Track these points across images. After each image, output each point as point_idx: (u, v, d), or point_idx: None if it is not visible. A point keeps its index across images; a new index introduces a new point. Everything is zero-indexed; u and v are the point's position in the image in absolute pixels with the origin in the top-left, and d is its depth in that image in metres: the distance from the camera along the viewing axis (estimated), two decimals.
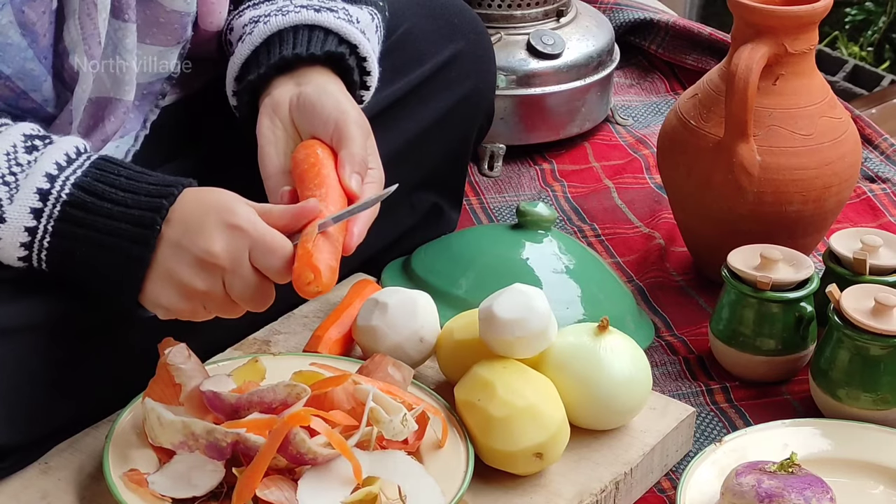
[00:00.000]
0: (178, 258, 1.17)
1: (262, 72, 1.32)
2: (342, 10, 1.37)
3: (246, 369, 1.30)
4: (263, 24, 1.34)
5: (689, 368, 1.57)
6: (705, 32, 2.31)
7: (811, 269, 1.51)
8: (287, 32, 1.34)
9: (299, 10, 1.35)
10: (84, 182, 1.18)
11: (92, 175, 1.19)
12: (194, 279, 1.17)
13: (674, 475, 1.38)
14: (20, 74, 1.24)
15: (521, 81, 2.03)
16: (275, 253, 1.17)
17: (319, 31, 1.34)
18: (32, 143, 1.19)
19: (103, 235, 1.18)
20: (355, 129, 1.27)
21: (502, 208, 1.95)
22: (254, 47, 1.34)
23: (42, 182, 1.17)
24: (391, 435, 1.20)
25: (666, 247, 1.81)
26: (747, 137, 1.59)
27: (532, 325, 1.28)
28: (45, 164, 1.18)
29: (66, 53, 1.27)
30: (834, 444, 1.37)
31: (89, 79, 1.27)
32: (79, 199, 1.18)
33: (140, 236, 1.17)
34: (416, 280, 1.54)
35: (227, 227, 1.17)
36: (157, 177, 1.21)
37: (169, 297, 1.19)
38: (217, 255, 1.16)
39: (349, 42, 1.35)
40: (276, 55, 1.32)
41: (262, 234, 1.17)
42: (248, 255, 1.17)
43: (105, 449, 1.21)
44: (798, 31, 1.60)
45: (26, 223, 1.17)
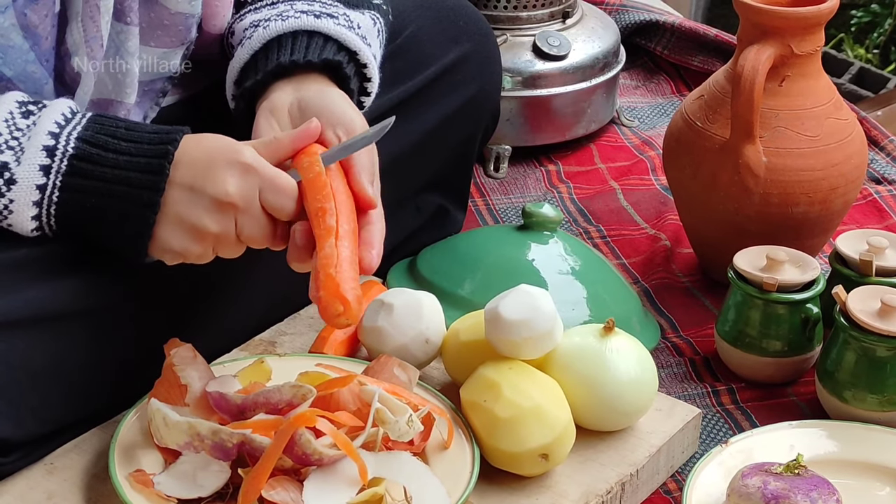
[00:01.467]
0: (192, 202, 1.19)
1: (259, 78, 1.32)
2: (343, 15, 1.37)
3: (251, 370, 1.30)
4: (263, 29, 1.34)
5: (694, 370, 1.57)
6: (711, 34, 2.31)
7: (817, 270, 1.51)
8: (286, 38, 1.33)
9: (299, 15, 1.35)
10: (87, 136, 1.20)
11: (93, 129, 1.20)
12: (209, 221, 1.19)
13: (680, 476, 1.38)
14: (22, 77, 1.24)
15: (527, 83, 2.03)
16: (284, 192, 1.20)
17: (319, 37, 1.34)
18: (27, 109, 1.20)
19: (112, 185, 1.19)
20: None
21: (508, 210, 1.95)
22: (252, 52, 1.34)
23: (47, 139, 1.18)
24: (397, 436, 1.20)
25: (672, 248, 1.81)
26: (753, 139, 1.59)
27: (538, 326, 1.28)
28: (46, 124, 1.19)
29: (68, 56, 1.27)
30: (840, 446, 1.37)
31: (90, 81, 1.28)
32: (85, 152, 1.19)
33: (150, 182, 1.19)
34: (422, 281, 1.54)
35: (238, 168, 1.19)
36: (154, 126, 1.22)
37: (181, 241, 1.20)
38: (232, 195, 1.18)
39: (348, 49, 1.35)
40: (273, 61, 1.32)
41: (272, 174, 1.19)
42: (258, 195, 1.19)
43: (111, 449, 1.21)
44: (804, 33, 1.60)
45: (37, 181, 1.18)
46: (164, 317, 1.32)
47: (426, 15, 1.58)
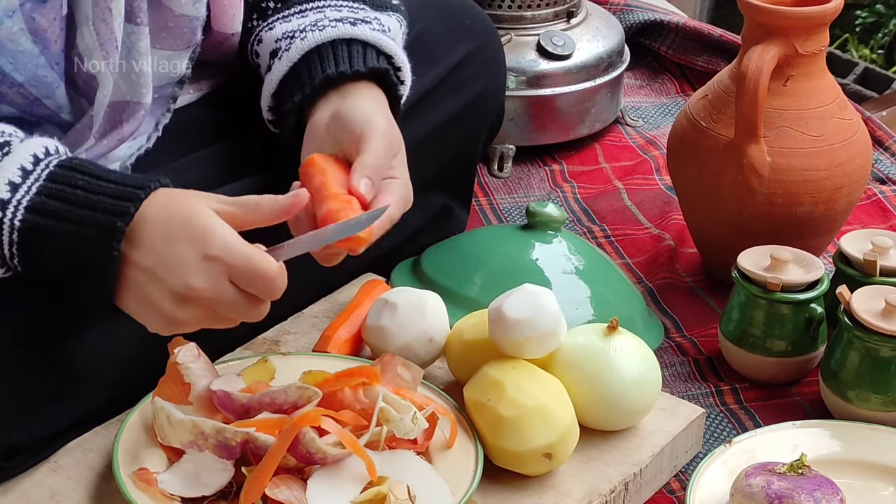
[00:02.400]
0: (158, 288, 1.12)
1: (308, 93, 1.31)
2: (375, 20, 1.36)
3: (255, 369, 1.30)
4: (300, 41, 1.33)
5: (698, 369, 1.57)
6: (716, 34, 2.31)
7: (821, 270, 1.51)
8: (325, 48, 1.33)
9: (335, 24, 1.34)
10: (37, 203, 1.12)
11: (46, 192, 1.13)
12: (176, 311, 1.13)
13: (683, 476, 1.38)
14: (33, 81, 1.24)
15: (531, 82, 2.03)
16: (259, 276, 1.12)
17: (358, 44, 1.33)
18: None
19: (65, 257, 1.13)
20: (377, 139, 1.25)
21: (512, 209, 1.95)
22: (292, 63, 1.33)
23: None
24: (401, 435, 1.20)
25: (676, 248, 1.81)
26: (757, 138, 1.59)
27: (541, 325, 1.28)
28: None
29: (80, 59, 1.27)
30: (844, 446, 1.37)
31: (109, 83, 1.27)
32: (34, 224, 1.12)
33: (100, 261, 1.12)
34: (426, 280, 1.54)
35: (204, 260, 1.11)
36: (116, 187, 1.13)
37: (153, 324, 1.15)
38: (197, 289, 1.11)
39: (385, 53, 1.35)
40: (319, 74, 1.31)
41: (243, 262, 1.11)
42: (228, 281, 1.12)
43: (114, 448, 1.21)
44: (809, 32, 1.59)
45: None
46: None
47: (431, 14, 1.58)
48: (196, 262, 1.11)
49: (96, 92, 1.27)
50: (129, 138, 1.35)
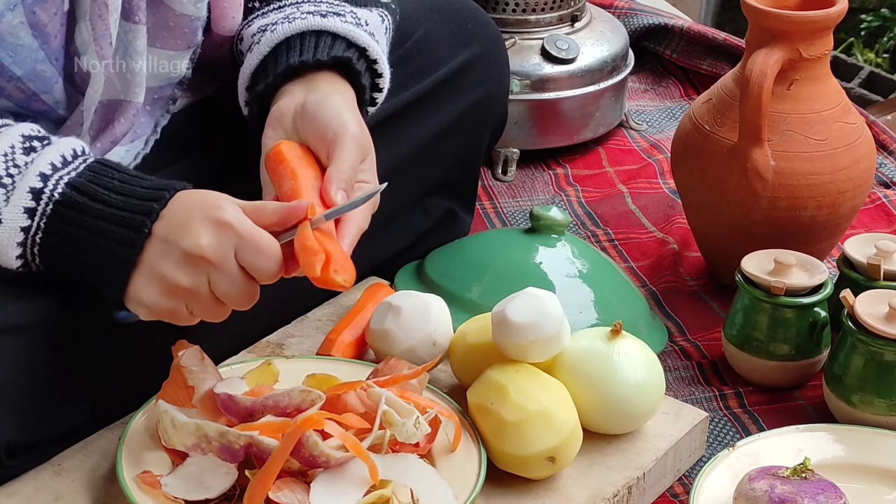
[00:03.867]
0: (164, 254, 1.16)
1: (270, 81, 1.32)
2: (350, 13, 1.36)
3: (259, 372, 1.30)
4: (270, 33, 1.34)
5: (702, 373, 1.57)
6: (720, 37, 2.31)
7: (825, 274, 1.51)
8: (294, 40, 1.33)
9: (305, 16, 1.34)
10: (78, 182, 1.18)
11: (86, 176, 1.19)
12: (179, 275, 1.16)
13: (686, 480, 1.38)
14: (31, 76, 1.24)
15: (535, 86, 2.03)
16: (263, 252, 1.16)
17: (327, 36, 1.34)
18: (31, 145, 1.19)
19: (92, 235, 1.18)
20: (350, 144, 1.25)
21: (516, 213, 1.95)
22: (262, 56, 1.34)
23: (35, 181, 1.17)
24: (404, 438, 1.20)
25: (679, 252, 1.81)
26: (761, 142, 1.59)
27: (545, 328, 1.28)
28: (41, 164, 1.18)
29: (78, 55, 1.27)
30: (847, 450, 1.37)
31: (100, 80, 1.28)
32: (71, 199, 1.18)
33: (127, 239, 1.17)
34: (430, 284, 1.54)
35: (214, 223, 1.16)
36: (152, 181, 1.20)
37: (150, 294, 1.18)
38: (204, 248, 1.15)
39: (357, 45, 1.34)
40: (282, 64, 1.32)
41: (250, 233, 1.16)
42: (234, 253, 1.16)
43: (118, 451, 1.21)
44: (813, 36, 1.59)
45: (21, 223, 1.18)
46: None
47: (435, 18, 1.58)
48: (207, 225, 1.16)
49: None
50: (123, 139, 1.35)
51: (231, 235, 1.16)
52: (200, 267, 1.16)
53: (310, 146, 1.27)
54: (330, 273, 1.18)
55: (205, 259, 1.15)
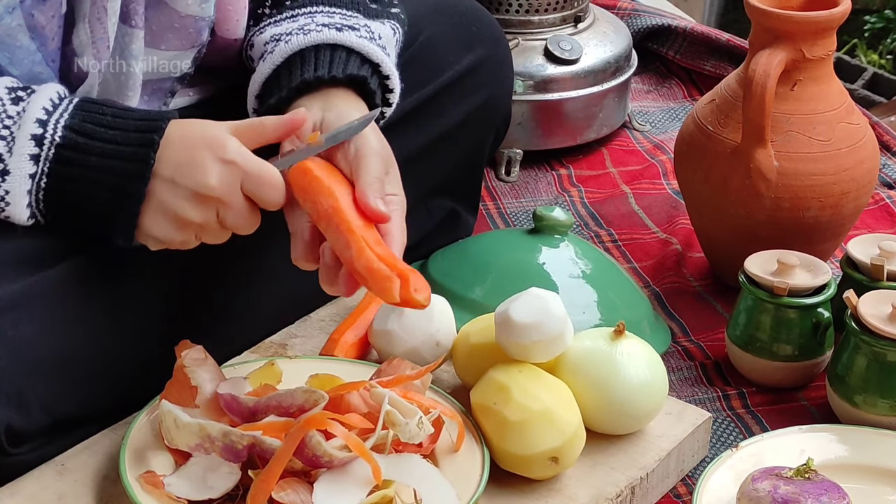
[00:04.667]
0: (175, 193, 1.20)
1: (284, 94, 1.31)
2: (364, 27, 1.36)
3: (262, 372, 1.31)
4: (284, 44, 1.33)
5: (705, 374, 1.57)
6: (723, 38, 2.31)
7: (828, 274, 1.51)
8: (309, 52, 1.33)
9: (321, 28, 1.34)
10: (73, 123, 1.20)
11: (80, 116, 1.20)
12: (191, 212, 1.20)
13: (690, 480, 1.38)
14: (28, 77, 1.25)
15: (539, 87, 2.03)
16: (268, 184, 1.21)
17: (341, 50, 1.33)
18: (17, 95, 1.20)
19: (99, 173, 1.19)
20: (374, 159, 1.25)
21: (519, 213, 1.95)
22: (274, 66, 1.33)
23: (35, 128, 1.19)
24: (407, 438, 1.20)
25: (683, 252, 1.81)
26: (765, 143, 1.59)
27: (548, 329, 1.28)
28: (34, 111, 1.19)
29: (74, 56, 1.27)
30: (851, 450, 1.37)
31: (95, 80, 1.28)
32: (71, 141, 1.19)
33: (135, 171, 1.19)
34: (433, 284, 1.53)
35: (220, 162, 1.19)
36: (141, 111, 1.24)
37: (163, 229, 1.21)
38: (213, 188, 1.19)
39: (371, 61, 1.34)
40: (297, 77, 1.31)
41: (256, 168, 1.20)
42: (240, 187, 1.20)
43: (121, 450, 1.22)
44: (816, 37, 1.59)
45: (28, 170, 1.19)
46: (176, 318, 1.33)
47: (440, 21, 1.58)
48: (214, 165, 1.19)
49: None
50: None
51: (236, 171, 1.20)
52: (210, 204, 1.20)
53: (332, 160, 1.26)
54: (411, 293, 1.19)
55: (214, 197, 1.20)
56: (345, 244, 1.20)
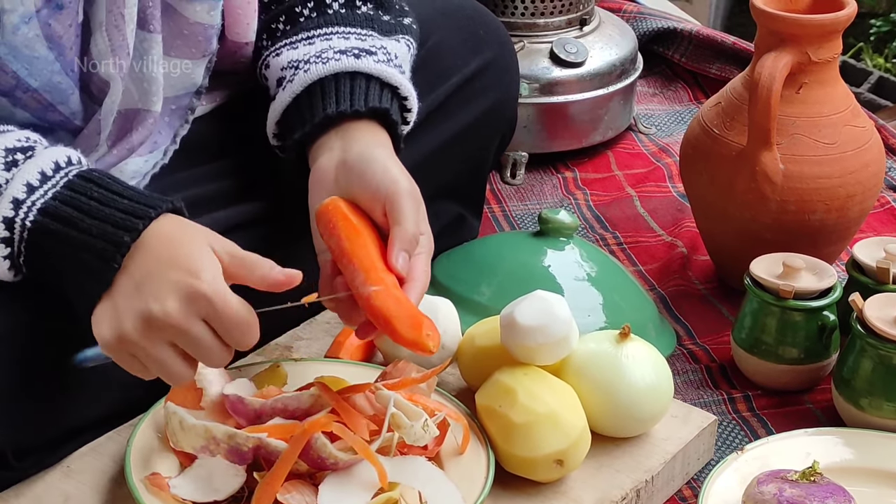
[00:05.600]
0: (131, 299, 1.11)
1: (307, 130, 1.30)
2: (381, 49, 1.36)
3: (267, 374, 1.31)
4: (303, 73, 1.33)
5: (710, 377, 1.57)
6: (729, 41, 2.31)
7: (834, 277, 1.51)
8: (328, 82, 1.32)
9: (339, 57, 1.33)
10: (51, 207, 1.14)
11: (61, 198, 1.14)
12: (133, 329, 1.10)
13: (695, 483, 1.38)
14: (47, 87, 1.24)
15: (544, 89, 2.03)
16: (238, 328, 1.10)
17: (361, 78, 1.32)
18: (13, 158, 1.16)
19: (66, 263, 1.14)
20: (408, 203, 1.22)
21: (524, 216, 1.95)
22: (294, 96, 1.33)
23: (7, 210, 1.14)
24: (412, 440, 1.20)
25: (688, 255, 1.81)
26: (770, 146, 1.59)
27: (553, 331, 1.28)
28: (16, 188, 1.14)
29: (94, 65, 1.27)
30: (856, 453, 1.37)
31: (118, 90, 1.27)
32: (44, 226, 1.14)
33: (99, 272, 1.12)
34: (438, 286, 1.54)
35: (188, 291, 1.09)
36: (129, 203, 1.14)
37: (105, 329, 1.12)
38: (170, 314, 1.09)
39: (390, 84, 1.34)
40: (319, 112, 1.30)
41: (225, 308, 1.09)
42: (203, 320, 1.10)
43: (127, 452, 1.22)
44: (822, 40, 1.59)
45: (2, 252, 1.15)
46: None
47: (447, 25, 1.58)
48: (179, 293, 1.09)
49: None
50: (140, 147, 1.35)
51: (202, 306, 1.09)
52: (160, 330, 1.10)
53: (359, 204, 1.24)
54: (423, 336, 1.14)
55: (166, 326, 1.09)
56: (361, 282, 1.17)
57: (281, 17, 1.40)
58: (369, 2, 1.41)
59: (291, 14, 1.40)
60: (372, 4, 1.41)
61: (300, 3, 1.40)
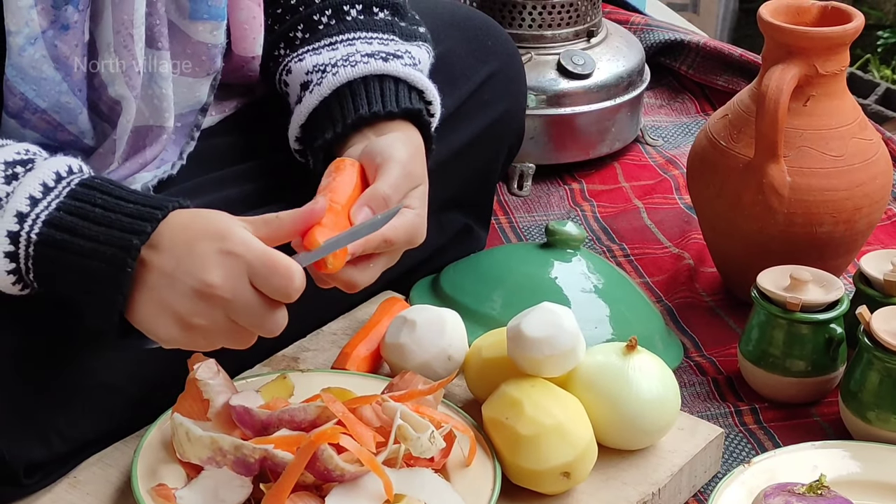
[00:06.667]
0: (173, 289, 1.10)
1: (339, 131, 1.31)
2: (406, 53, 1.36)
3: (274, 385, 1.31)
4: (332, 76, 1.33)
5: (717, 389, 1.57)
6: (736, 53, 2.31)
7: (841, 290, 1.51)
8: (357, 85, 1.32)
9: (367, 60, 1.33)
10: (55, 217, 1.12)
11: (66, 208, 1.13)
12: (193, 310, 1.11)
13: (702, 496, 1.37)
14: (56, 108, 1.24)
15: (552, 101, 2.03)
16: (278, 273, 1.10)
17: (390, 81, 1.33)
18: (13, 171, 1.14)
19: (77, 274, 1.12)
20: (394, 169, 1.23)
21: (531, 227, 1.95)
22: (322, 98, 1.33)
23: (12, 224, 1.12)
24: (418, 452, 1.20)
25: (695, 267, 1.81)
26: (778, 158, 1.59)
27: (560, 343, 1.28)
28: (18, 201, 1.12)
29: (104, 86, 1.27)
30: (863, 467, 1.36)
31: (132, 109, 1.27)
32: (50, 238, 1.12)
33: (112, 278, 1.11)
34: (445, 298, 1.54)
35: (222, 254, 1.10)
36: (135, 207, 1.13)
37: (167, 329, 1.12)
38: (214, 284, 1.09)
39: (417, 88, 1.34)
40: (351, 113, 1.30)
41: (261, 256, 1.10)
42: (248, 281, 1.10)
43: (133, 463, 1.22)
44: (829, 52, 1.59)
45: (6, 267, 1.13)
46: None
47: (454, 35, 1.59)
48: (215, 257, 1.10)
49: (119, 117, 1.28)
50: (151, 162, 1.35)
51: (241, 263, 1.10)
52: (214, 302, 1.10)
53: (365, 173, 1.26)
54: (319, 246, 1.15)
55: (217, 297, 1.10)
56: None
57: (298, 25, 1.40)
58: (386, 8, 1.41)
59: (310, 22, 1.40)
60: (389, 11, 1.41)
61: (318, 12, 1.40)
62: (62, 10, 1.20)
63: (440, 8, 1.61)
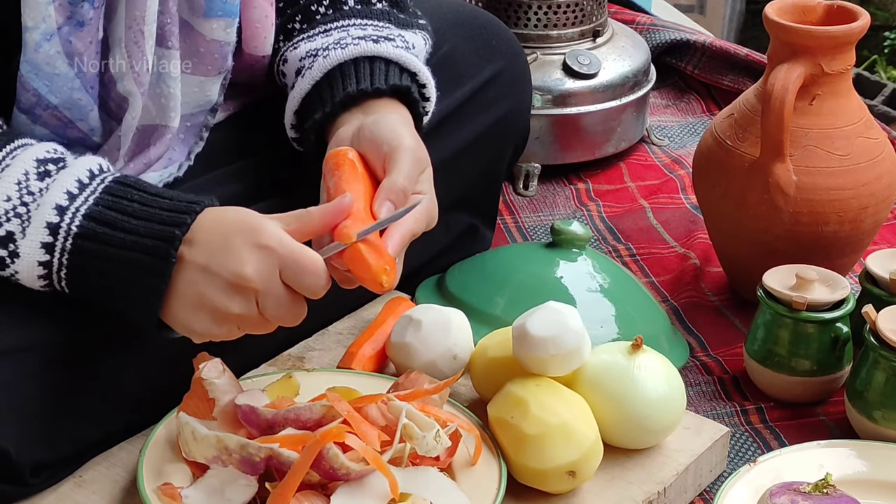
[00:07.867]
0: (209, 283, 1.15)
1: (328, 110, 1.31)
2: (399, 37, 1.36)
3: (280, 385, 1.31)
4: (323, 59, 1.33)
5: (723, 388, 1.57)
6: (742, 53, 2.31)
7: (847, 289, 1.50)
8: (348, 66, 1.33)
9: (358, 42, 1.34)
10: (95, 212, 1.16)
11: (104, 203, 1.16)
12: (228, 303, 1.15)
13: (708, 495, 1.37)
14: (67, 104, 1.25)
15: (557, 101, 2.03)
16: (307, 271, 1.15)
17: (380, 62, 1.33)
18: (45, 169, 1.17)
19: (117, 266, 1.15)
20: (405, 157, 1.24)
21: (537, 227, 1.95)
22: (314, 82, 1.34)
23: (52, 215, 1.15)
24: (424, 451, 1.20)
25: (701, 267, 1.81)
26: (783, 157, 1.59)
27: (566, 342, 1.28)
28: (56, 195, 1.16)
29: (112, 83, 1.27)
30: (869, 466, 1.36)
31: (138, 106, 1.28)
32: (90, 231, 1.15)
33: (155, 267, 1.15)
34: (450, 298, 1.54)
35: (256, 248, 1.14)
36: (171, 202, 1.17)
37: (203, 323, 1.17)
38: (249, 277, 1.14)
39: (409, 70, 1.34)
40: (340, 92, 1.31)
41: (294, 254, 1.14)
42: (279, 274, 1.15)
43: (139, 463, 1.22)
44: (835, 52, 1.59)
45: (39, 258, 1.16)
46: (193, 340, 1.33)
47: (459, 34, 1.59)
48: (249, 251, 1.14)
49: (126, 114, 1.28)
50: (156, 162, 1.35)
51: (274, 258, 1.14)
52: (248, 294, 1.15)
53: (367, 160, 1.26)
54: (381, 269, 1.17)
55: (250, 287, 1.14)
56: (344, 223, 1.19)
57: (297, 16, 1.41)
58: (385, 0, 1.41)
59: (307, 13, 1.41)
60: (387, 2, 1.41)
61: (315, 2, 1.40)
62: (78, 6, 1.21)
63: (445, 7, 1.61)
